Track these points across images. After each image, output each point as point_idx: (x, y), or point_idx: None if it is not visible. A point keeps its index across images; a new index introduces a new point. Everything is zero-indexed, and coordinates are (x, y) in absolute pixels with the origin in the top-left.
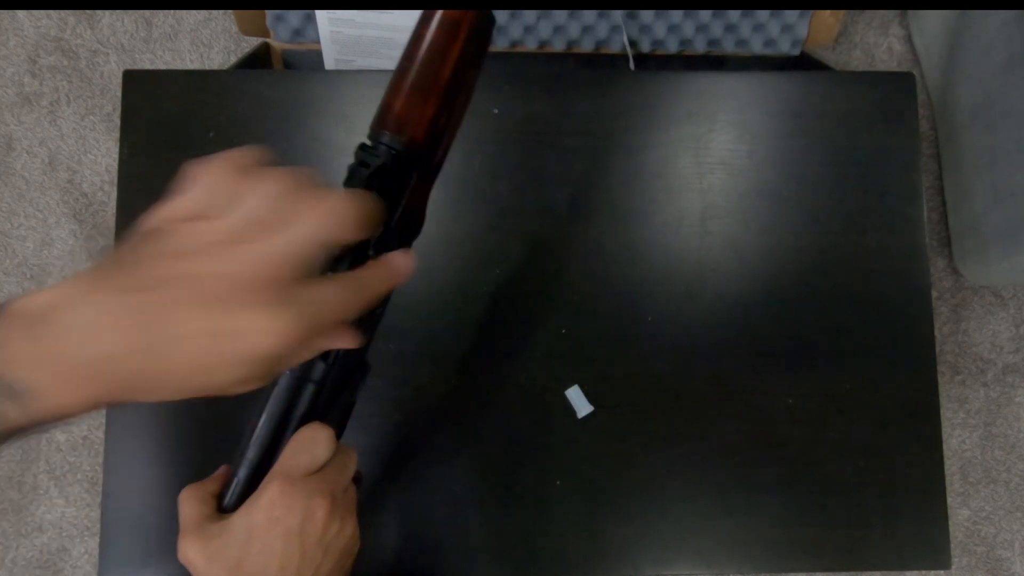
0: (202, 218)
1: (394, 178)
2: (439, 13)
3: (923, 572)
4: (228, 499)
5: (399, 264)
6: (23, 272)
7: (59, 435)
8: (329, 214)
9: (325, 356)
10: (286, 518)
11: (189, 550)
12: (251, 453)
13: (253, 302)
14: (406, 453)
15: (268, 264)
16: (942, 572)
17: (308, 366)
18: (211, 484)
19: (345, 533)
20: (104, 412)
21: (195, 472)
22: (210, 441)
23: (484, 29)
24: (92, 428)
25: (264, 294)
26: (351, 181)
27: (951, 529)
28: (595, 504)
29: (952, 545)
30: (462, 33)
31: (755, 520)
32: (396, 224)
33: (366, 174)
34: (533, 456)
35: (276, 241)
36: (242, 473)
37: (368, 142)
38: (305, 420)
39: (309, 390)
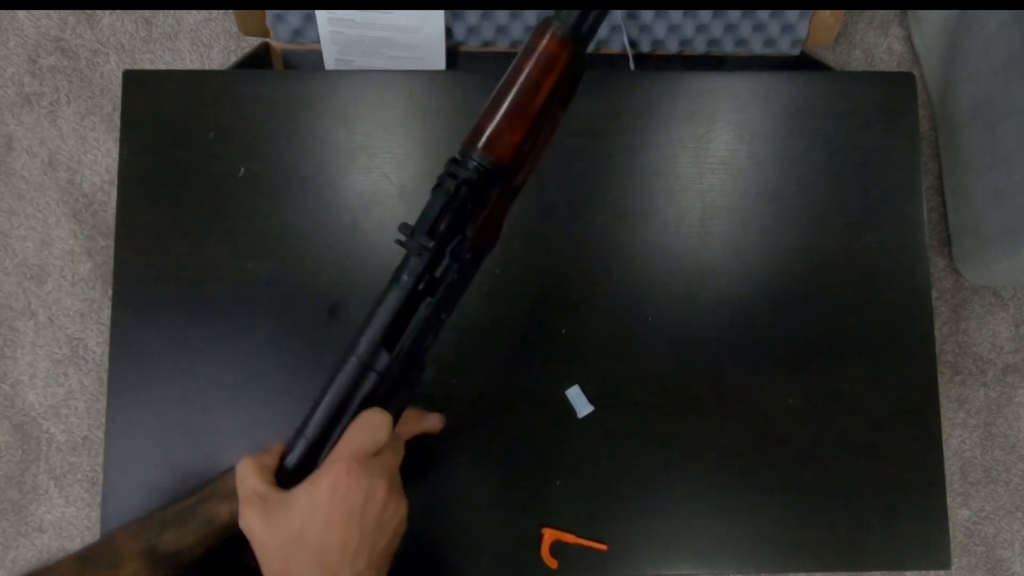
0: None
1: (477, 192)
2: (540, 49)
3: (923, 572)
4: (287, 466)
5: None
6: (23, 272)
7: (59, 435)
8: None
9: (390, 347)
10: (350, 497)
11: (251, 519)
12: (310, 432)
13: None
14: (406, 453)
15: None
16: (942, 572)
17: (373, 356)
18: (268, 458)
19: (399, 514)
20: (104, 411)
21: (194, 473)
22: (208, 442)
23: (576, 71)
24: (92, 428)
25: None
26: (439, 188)
27: (951, 529)
28: (595, 504)
29: (952, 545)
30: (556, 71)
31: (755, 520)
32: (473, 235)
33: (453, 184)
34: (533, 456)
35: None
36: (299, 449)
37: (458, 156)
38: (364, 407)
39: (371, 379)
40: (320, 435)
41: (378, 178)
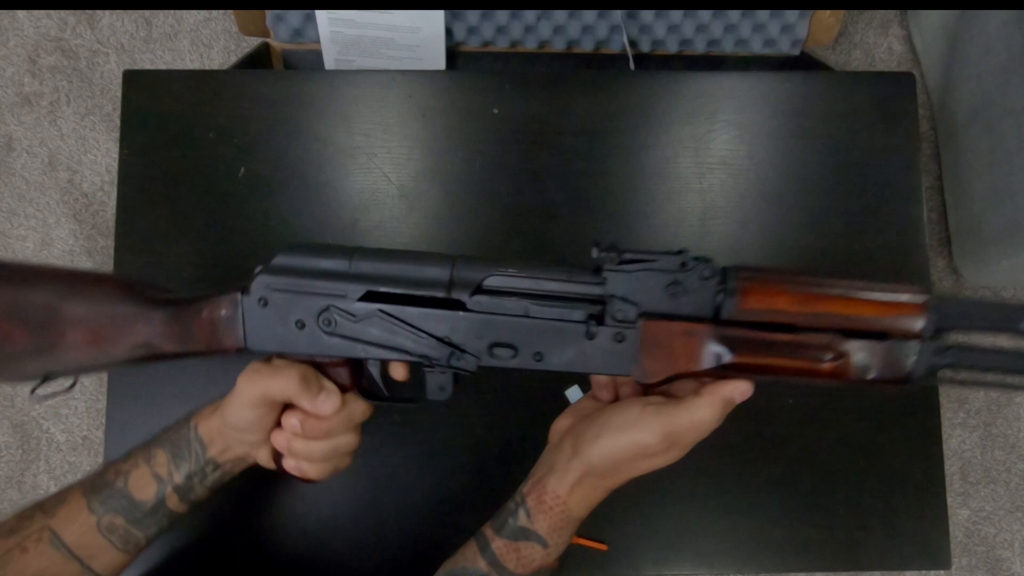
0: None
1: (691, 296)
2: (892, 290)
3: (923, 572)
4: None
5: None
6: None
7: (59, 435)
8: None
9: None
10: None
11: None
12: None
13: None
14: (406, 453)
15: None
16: (942, 572)
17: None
18: None
19: None
20: (104, 412)
21: None
22: None
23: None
24: (92, 428)
25: None
26: (670, 255)
27: (951, 529)
28: None
29: (952, 545)
30: (880, 326)
31: (755, 520)
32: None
33: (680, 262)
34: (533, 456)
35: None
36: None
37: (706, 259)
38: None
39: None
40: None
41: (378, 178)
